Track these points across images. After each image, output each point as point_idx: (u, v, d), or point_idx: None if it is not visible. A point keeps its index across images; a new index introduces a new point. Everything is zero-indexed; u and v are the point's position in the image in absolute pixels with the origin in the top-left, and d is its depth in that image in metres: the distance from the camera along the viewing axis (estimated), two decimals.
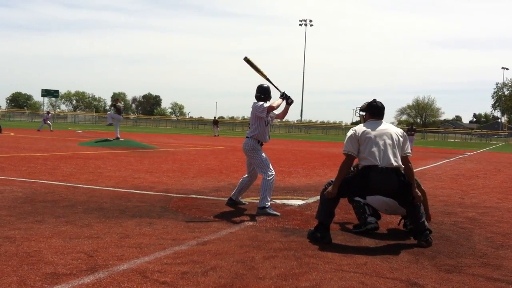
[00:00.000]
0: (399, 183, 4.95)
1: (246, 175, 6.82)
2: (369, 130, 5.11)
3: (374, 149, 4.98)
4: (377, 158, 4.95)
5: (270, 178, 6.33)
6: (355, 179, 5.08)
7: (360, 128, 5.19)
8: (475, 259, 4.53)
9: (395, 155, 5.02)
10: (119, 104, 20.68)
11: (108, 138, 19.77)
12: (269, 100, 6.59)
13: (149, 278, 3.57)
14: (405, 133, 5.27)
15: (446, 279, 3.90)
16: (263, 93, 6.58)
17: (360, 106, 5.81)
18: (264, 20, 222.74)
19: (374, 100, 5.37)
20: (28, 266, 3.72)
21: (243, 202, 6.92)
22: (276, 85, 6.61)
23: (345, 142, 5.21)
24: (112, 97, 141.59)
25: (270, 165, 6.49)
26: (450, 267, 4.26)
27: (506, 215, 7.06)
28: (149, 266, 3.85)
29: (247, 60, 6.65)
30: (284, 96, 6.50)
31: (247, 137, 6.58)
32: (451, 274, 4.04)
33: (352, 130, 5.22)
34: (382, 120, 5.31)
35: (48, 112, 39.29)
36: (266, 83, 6.63)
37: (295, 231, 5.35)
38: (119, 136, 19.60)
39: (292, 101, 6.55)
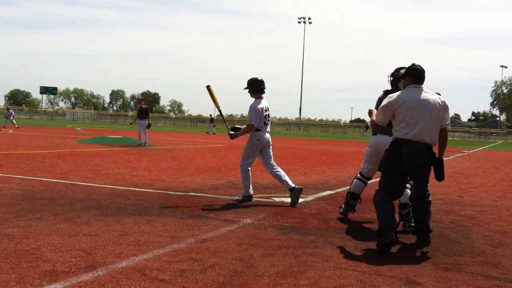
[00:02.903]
0: (430, 161, 4.73)
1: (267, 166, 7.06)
2: (408, 99, 4.74)
3: (410, 122, 4.68)
4: (412, 132, 4.67)
5: None
6: (387, 152, 4.84)
7: (399, 96, 4.81)
8: (474, 257, 4.54)
9: (431, 131, 4.72)
10: (143, 106, 19.35)
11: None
12: (253, 93, 7.02)
13: (148, 276, 3.57)
14: (446, 103, 4.87)
15: (445, 277, 3.91)
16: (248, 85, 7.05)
17: (392, 72, 5.78)
18: (263, 17, 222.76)
19: (413, 63, 4.94)
20: (27, 263, 3.72)
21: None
22: (225, 120, 7.52)
23: (378, 110, 4.96)
24: (110, 95, 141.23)
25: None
26: (449, 265, 4.26)
27: (504, 213, 7.07)
28: (148, 264, 3.85)
29: (208, 88, 7.27)
30: (231, 134, 7.04)
31: (268, 131, 7.04)
32: (449, 272, 4.05)
33: (390, 97, 4.85)
34: (423, 87, 4.88)
35: (8, 109, 35.62)
36: (259, 77, 7.04)
37: (294, 229, 5.36)
38: (143, 141, 18.31)
39: (232, 136, 7.01)
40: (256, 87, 6.98)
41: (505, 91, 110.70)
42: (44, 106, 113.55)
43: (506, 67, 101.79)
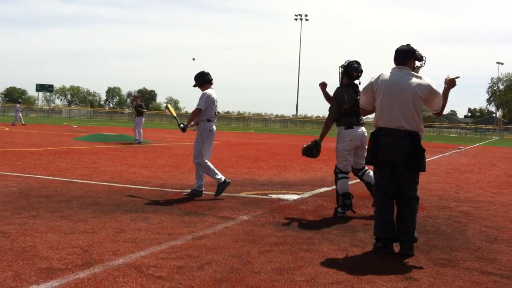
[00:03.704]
0: (410, 150, 4.37)
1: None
2: (387, 81, 4.47)
3: (386, 106, 4.43)
4: (388, 118, 4.42)
5: None
6: (368, 143, 4.66)
7: (379, 77, 4.55)
8: (470, 253, 4.56)
9: (409, 116, 4.39)
10: (138, 103, 18.97)
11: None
12: (201, 86, 7.20)
13: (145, 273, 3.57)
14: (433, 87, 4.51)
15: (441, 273, 3.92)
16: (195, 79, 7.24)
17: (342, 64, 6.19)
18: (259, 15, 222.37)
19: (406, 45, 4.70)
20: (23, 261, 3.71)
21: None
22: (176, 117, 7.81)
23: (360, 93, 4.86)
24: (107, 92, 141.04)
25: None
26: (445, 261, 4.28)
27: (500, 209, 7.09)
28: (145, 261, 3.85)
29: (167, 108, 7.95)
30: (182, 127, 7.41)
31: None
32: (445, 268, 4.06)
33: (371, 78, 4.63)
34: (409, 69, 4.58)
35: (19, 102, 34.99)
36: (205, 70, 7.27)
37: (290, 226, 5.36)
38: (138, 139, 18.05)
39: (183, 129, 7.38)
40: (202, 79, 7.18)
41: (501, 87, 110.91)
42: (40, 104, 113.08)
43: (502, 63, 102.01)
